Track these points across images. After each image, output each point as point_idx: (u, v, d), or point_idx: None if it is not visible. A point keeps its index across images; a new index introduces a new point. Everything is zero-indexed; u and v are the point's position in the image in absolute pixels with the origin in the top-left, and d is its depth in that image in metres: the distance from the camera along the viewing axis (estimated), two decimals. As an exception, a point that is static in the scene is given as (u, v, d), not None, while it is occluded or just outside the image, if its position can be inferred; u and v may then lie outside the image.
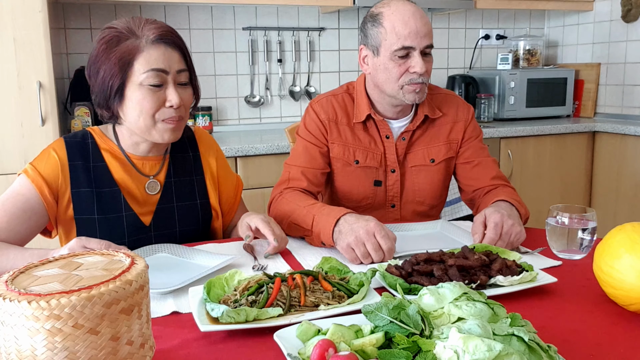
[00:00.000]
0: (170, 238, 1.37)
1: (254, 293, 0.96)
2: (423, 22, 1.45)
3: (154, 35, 1.22)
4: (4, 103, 2.22)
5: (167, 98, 1.23)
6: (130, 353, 0.67)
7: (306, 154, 1.58)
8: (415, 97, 1.50)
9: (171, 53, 1.24)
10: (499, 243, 1.23)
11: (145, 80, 1.21)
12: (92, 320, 0.62)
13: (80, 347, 0.62)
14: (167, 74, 1.23)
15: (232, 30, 3.15)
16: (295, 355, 0.76)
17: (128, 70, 1.21)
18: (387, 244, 1.20)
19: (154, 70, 1.21)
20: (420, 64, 1.45)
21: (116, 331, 0.65)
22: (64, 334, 0.61)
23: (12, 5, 2.19)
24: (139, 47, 1.21)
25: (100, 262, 0.73)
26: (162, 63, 1.22)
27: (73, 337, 0.61)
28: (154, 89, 1.22)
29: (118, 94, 1.23)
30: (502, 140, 3.09)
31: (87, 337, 0.62)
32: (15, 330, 0.61)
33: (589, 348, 0.84)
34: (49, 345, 0.61)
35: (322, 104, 1.61)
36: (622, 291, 0.93)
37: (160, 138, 1.28)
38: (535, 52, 3.67)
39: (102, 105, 1.27)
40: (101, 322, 0.63)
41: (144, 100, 1.22)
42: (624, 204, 3.14)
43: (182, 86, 1.28)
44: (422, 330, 0.76)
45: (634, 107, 3.33)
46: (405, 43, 1.44)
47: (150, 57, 1.21)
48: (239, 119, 3.25)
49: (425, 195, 1.63)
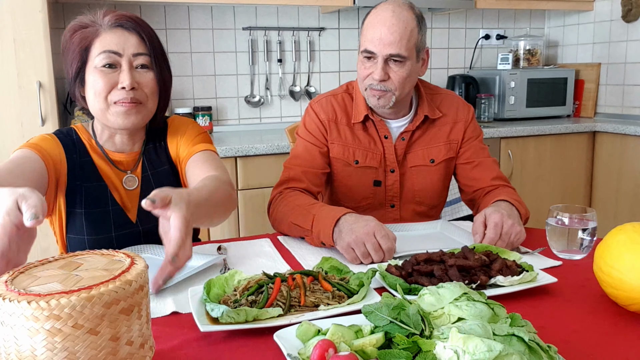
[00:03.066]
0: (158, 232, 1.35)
1: (253, 293, 0.96)
2: (392, 30, 1.42)
3: (110, 21, 1.24)
4: (4, 103, 2.23)
5: (119, 80, 1.23)
6: (130, 353, 0.67)
7: (306, 154, 1.58)
8: (376, 102, 1.50)
9: (127, 37, 1.24)
10: (499, 243, 1.23)
11: (99, 62, 1.22)
12: (91, 321, 0.62)
13: (80, 347, 0.61)
14: (121, 56, 1.23)
15: (232, 30, 3.15)
16: (295, 356, 0.76)
17: (86, 55, 1.23)
18: (387, 244, 1.20)
19: (106, 52, 1.22)
20: (378, 71, 1.45)
21: (116, 331, 0.64)
22: (63, 334, 0.60)
23: (12, 5, 2.19)
24: (97, 32, 1.24)
25: (100, 262, 0.73)
26: (116, 46, 1.23)
27: (73, 338, 0.61)
28: (106, 70, 1.22)
29: (79, 78, 1.25)
30: (502, 140, 3.09)
31: (87, 338, 0.62)
32: (15, 330, 0.61)
33: (589, 348, 0.84)
34: (48, 345, 0.60)
35: (322, 104, 1.61)
36: (622, 291, 0.93)
37: (115, 122, 1.25)
38: (536, 52, 3.67)
39: (72, 94, 1.29)
40: (101, 322, 0.63)
41: (96, 82, 1.22)
42: (624, 204, 3.14)
43: (141, 69, 1.25)
44: (422, 331, 0.76)
45: (634, 107, 3.33)
46: (368, 47, 1.45)
47: (105, 40, 1.23)
48: (239, 119, 3.24)
49: (425, 195, 1.63)
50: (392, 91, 1.48)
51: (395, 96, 1.49)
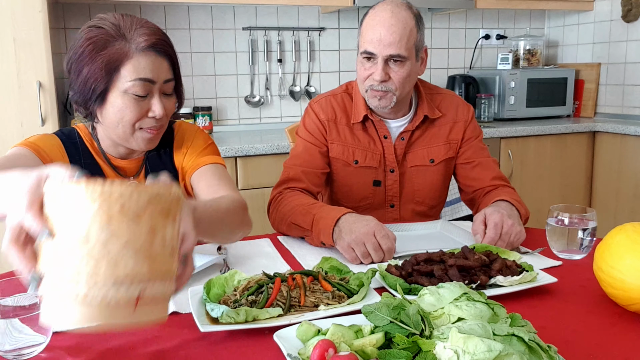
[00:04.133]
0: None
1: (253, 293, 0.96)
2: (391, 30, 1.42)
3: (145, 42, 1.14)
4: (4, 103, 2.23)
5: (152, 108, 1.18)
6: (161, 255, 0.71)
7: (306, 154, 1.58)
8: (377, 103, 1.50)
9: (161, 62, 1.17)
10: (499, 243, 1.23)
11: (131, 89, 1.14)
12: (136, 209, 0.68)
13: (123, 230, 0.67)
14: (154, 83, 1.16)
15: (232, 30, 3.15)
16: (295, 356, 0.76)
17: (114, 75, 1.14)
18: (387, 244, 1.20)
19: (141, 80, 1.14)
20: (379, 72, 1.45)
21: (154, 225, 0.70)
22: (111, 216, 0.66)
23: (12, 5, 2.19)
24: (128, 53, 1.13)
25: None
26: (151, 73, 1.15)
27: (119, 220, 0.67)
28: (138, 98, 1.16)
29: (100, 97, 1.17)
30: (502, 140, 3.09)
31: (130, 223, 0.67)
32: (71, 210, 0.66)
33: (589, 348, 0.84)
34: (98, 224, 0.65)
35: (322, 104, 1.61)
36: (623, 291, 0.93)
37: (137, 146, 1.23)
38: (536, 52, 3.66)
39: (80, 104, 1.22)
40: (143, 213, 0.69)
41: (126, 109, 1.16)
42: (624, 204, 3.14)
43: (167, 96, 1.22)
44: (422, 331, 0.76)
45: (634, 107, 3.33)
46: (368, 48, 1.45)
47: (139, 65, 1.14)
48: (239, 119, 3.24)
49: (425, 195, 1.63)
50: (392, 91, 1.48)
51: (396, 96, 1.50)
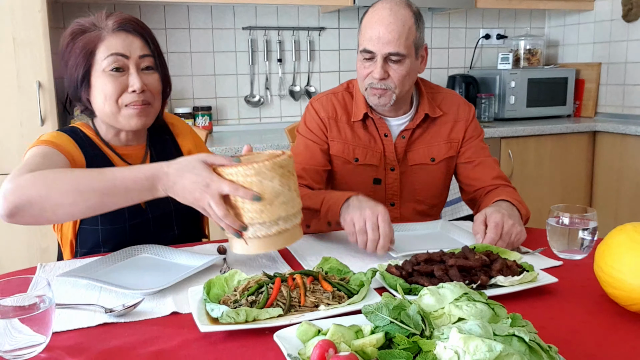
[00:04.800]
0: (168, 217, 1.36)
1: (253, 293, 0.96)
2: (390, 28, 1.42)
3: (113, 24, 1.25)
4: (4, 103, 2.22)
5: (129, 83, 1.25)
6: (295, 198, 1.14)
7: (307, 152, 1.59)
8: (377, 101, 1.51)
9: (132, 39, 1.26)
10: (499, 243, 1.23)
11: (107, 66, 1.23)
12: (282, 173, 1.10)
13: (278, 188, 1.09)
14: (128, 58, 1.25)
15: (232, 30, 3.15)
16: (295, 356, 0.76)
17: (91, 59, 1.24)
18: (385, 228, 1.21)
19: (113, 55, 1.23)
20: (378, 70, 1.45)
21: (288, 181, 1.11)
22: (273, 181, 1.08)
23: (12, 5, 2.19)
24: (101, 36, 1.24)
25: (264, 154, 1.17)
26: (122, 48, 1.24)
27: (279, 183, 1.09)
28: (115, 74, 1.24)
29: (84, 82, 1.26)
30: (502, 140, 3.09)
31: (282, 183, 1.09)
32: (249, 180, 1.07)
33: (589, 348, 0.84)
34: (270, 186, 1.08)
35: (322, 102, 1.62)
36: (623, 291, 0.93)
37: (126, 124, 1.28)
38: (536, 51, 3.66)
39: (74, 97, 1.30)
40: (285, 175, 1.10)
41: (105, 85, 1.24)
42: (624, 204, 3.14)
43: (147, 71, 1.28)
44: (423, 331, 0.76)
45: (635, 107, 3.33)
46: (367, 46, 1.46)
47: (110, 43, 1.24)
48: (239, 118, 3.24)
49: (426, 194, 1.63)
50: (392, 89, 1.48)
51: (396, 94, 1.50)
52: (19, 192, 1.05)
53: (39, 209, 1.06)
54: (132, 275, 1.15)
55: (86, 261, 1.20)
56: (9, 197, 1.06)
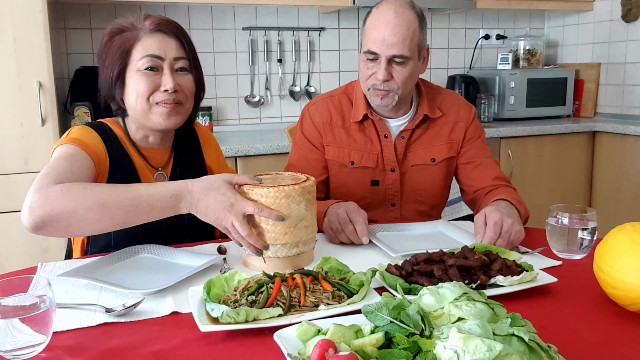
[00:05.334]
0: (181, 223, 1.37)
1: (253, 293, 0.96)
2: (395, 31, 1.42)
3: (150, 24, 1.28)
4: (4, 103, 2.22)
5: (162, 82, 1.27)
6: (314, 223, 1.21)
7: (302, 163, 1.61)
8: (379, 102, 1.51)
9: (168, 41, 1.28)
10: (499, 242, 1.23)
11: (142, 65, 1.26)
12: (308, 198, 1.16)
13: (302, 212, 1.16)
14: (163, 60, 1.27)
15: (232, 30, 3.15)
16: (295, 356, 0.76)
17: (127, 58, 1.27)
18: (355, 217, 1.31)
19: (148, 56, 1.26)
20: (381, 72, 1.45)
21: (311, 207, 1.18)
22: (299, 204, 1.14)
23: (12, 5, 2.19)
24: (138, 36, 1.27)
25: (286, 176, 1.25)
26: (158, 50, 1.27)
27: (305, 206, 1.16)
28: (149, 72, 1.26)
29: (119, 81, 1.29)
30: (502, 140, 3.09)
31: (305, 207, 1.16)
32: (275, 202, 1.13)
33: (589, 348, 0.84)
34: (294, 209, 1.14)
35: (318, 107, 1.63)
36: (622, 291, 0.93)
37: (157, 122, 1.30)
38: (536, 52, 3.66)
39: (108, 96, 1.32)
40: (308, 200, 1.17)
41: (139, 83, 1.26)
42: (624, 204, 3.14)
43: (181, 72, 1.31)
44: (422, 331, 0.76)
45: (634, 107, 3.33)
46: (371, 48, 1.46)
47: (146, 44, 1.27)
48: (239, 119, 3.24)
49: (426, 194, 1.63)
50: (394, 91, 1.49)
51: (398, 95, 1.51)
52: (47, 206, 1.07)
53: (65, 224, 1.08)
54: (132, 275, 1.15)
55: (86, 261, 1.20)
56: (35, 211, 1.07)
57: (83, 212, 1.07)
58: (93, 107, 2.61)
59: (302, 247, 1.19)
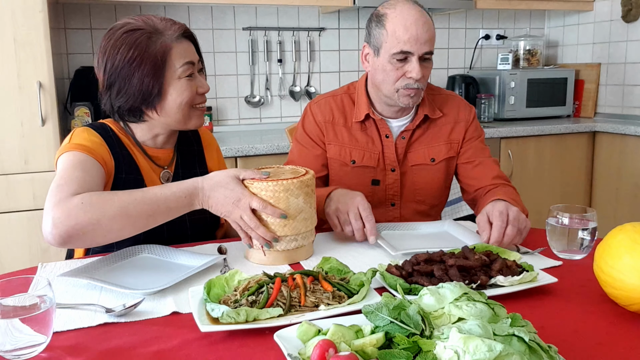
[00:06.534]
0: (182, 224, 1.38)
1: (254, 293, 0.96)
2: (425, 28, 1.45)
3: (176, 31, 1.29)
4: (4, 103, 2.22)
5: (199, 85, 1.32)
6: (314, 215, 1.24)
7: (302, 160, 1.61)
8: (409, 101, 1.52)
9: (189, 45, 1.32)
10: (509, 230, 1.22)
11: (182, 73, 1.28)
12: (306, 191, 1.19)
13: (301, 205, 1.19)
14: (194, 65, 1.31)
15: (232, 30, 3.15)
16: (295, 356, 0.76)
17: (165, 69, 1.26)
18: (367, 215, 1.30)
19: (187, 64, 1.29)
20: (417, 70, 1.46)
21: (310, 200, 1.21)
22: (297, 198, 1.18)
23: (12, 5, 2.19)
24: (170, 45, 1.27)
25: (287, 170, 1.28)
26: (191, 55, 1.31)
27: (303, 199, 1.19)
28: (188, 79, 1.30)
29: (158, 94, 1.27)
30: (502, 140, 3.09)
31: (305, 201, 1.19)
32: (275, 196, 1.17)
33: (589, 348, 0.84)
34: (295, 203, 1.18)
35: (320, 105, 1.64)
36: (623, 291, 0.93)
37: (193, 125, 1.35)
38: (536, 52, 3.67)
39: (134, 108, 1.29)
40: (307, 193, 1.20)
41: (184, 92, 1.29)
42: (624, 204, 3.14)
43: (201, 73, 1.36)
44: (423, 331, 0.76)
45: (634, 107, 3.33)
46: (404, 48, 1.45)
47: (181, 51, 1.28)
48: (239, 119, 3.25)
49: (426, 194, 1.64)
50: (422, 88, 1.52)
51: (423, 91, 1.54)
52: (70, 220, 1.08)
53: (91, 236, 1.10)
54: (132, 275, 1.15)
55: (87, 261, 1.20)
56: (59, 226, 1.08)
57: (107, 223, 1.10)
58: (93, 107, 2.61)
59: (302, 241, 1.22)
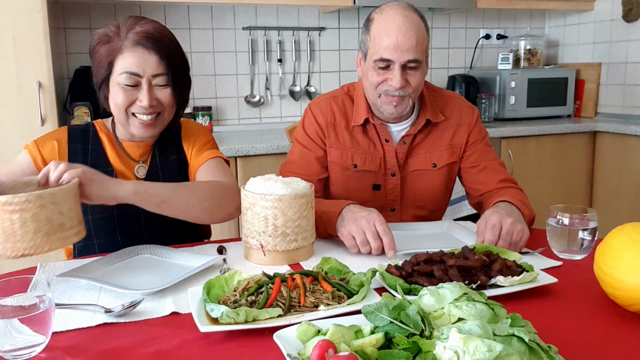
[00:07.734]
0: (160, 217, 1.35)
1: (253, 293, 0.96)
2: (408, 35, 1.39)
3: (134, 39, 1.29)
4: (4, 103, 2.22)
5: (139, 97, 1.31)
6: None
7: (302, 161, 1.58)
8: (393, 110, 1.47)
9: (148, 57, 1.30)
10: (500, 243, 1.22)
11: (121, 80, 1.30)
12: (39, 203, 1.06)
13: (48, 211, 1.09)
14: (141, 77, 1.30)
15: (232, 30, 3.15)
16: (295, 356, 0.76)
17: (110, 68, 1.32)
18: (385, 230, 1.24)
19: (127, 73, 1.29)
20: (397, 79, 1.41)
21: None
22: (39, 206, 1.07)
23: (12, 5, 2.19)
24: (120, 49, 1.30)
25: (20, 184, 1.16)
26: (137, 67, 1.29)
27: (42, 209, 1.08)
28: (127, 87, 1.31)
29: (105, 83, 1.34)
30: (502, 140, 3.09)
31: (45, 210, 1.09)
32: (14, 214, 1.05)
33: (589, 348, 0.84)
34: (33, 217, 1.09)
35: (321, 107, 1.60)
36: (623, 291, 0.93)
37: (135, 131, 1.36)
38: (536, 51, 3.66)
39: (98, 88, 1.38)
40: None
41: (117, 96, 1.31)
42: (624, 204, 3.14)
43: (160, 88, 1.33)
44: (422, 331, 0.76)
45: (635, 107, 3.33)
46: (384, 55, 1.41)
47: (127, 60, 1.29)
48: (239, 118, 3.24)
49: (426, 199, 1.62)
50: (409, 96, 1.46)
51: (412, 100, 1.48)
52: None
53: None
54: (132, 275, 1.15)
55: (86, 261, 1.20)
56: None
57: None
58: (93, 107, 2.61)
59: (302, 242, 1.22)
